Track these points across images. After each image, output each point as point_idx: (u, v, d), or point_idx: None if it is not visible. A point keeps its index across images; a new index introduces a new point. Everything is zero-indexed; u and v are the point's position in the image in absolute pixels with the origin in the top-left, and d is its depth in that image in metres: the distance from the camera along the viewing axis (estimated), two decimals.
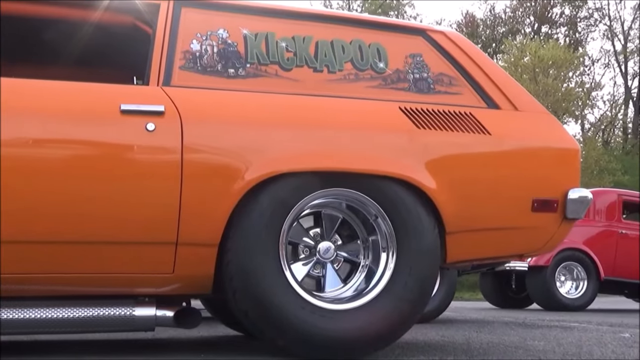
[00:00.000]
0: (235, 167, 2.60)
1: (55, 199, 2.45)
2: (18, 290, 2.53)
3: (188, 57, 2.77)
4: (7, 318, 2.48)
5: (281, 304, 2.59)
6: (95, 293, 2.64)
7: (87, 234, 2.48)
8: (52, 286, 2.56)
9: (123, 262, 2.55)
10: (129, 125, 2.54)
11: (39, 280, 2.52)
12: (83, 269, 2.53)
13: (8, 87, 2.56)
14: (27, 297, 2.56)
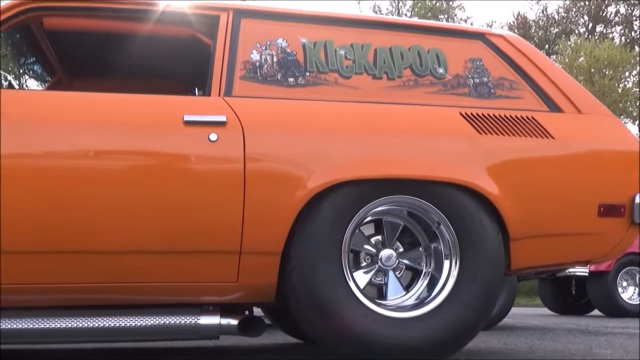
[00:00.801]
0: (297, 175, 2.61)
1: (121, 209, 2.50)
2: (89, 299, 2.58)
3: (248, 67, 2.80)
4: (79, 327, 2.52)
5: (344, 312, 2.59)
6: (161, 302, 2.68)
7: (154, 243, 2.52)
8: (120, 295, 2.60)
9: (188, 271, 2.59)
10: (192, 135, 2.58)
11: (108, 290, 2.57)
12: (149, 278, 2.57)
13: (76, 101, 2.64)
14: (96, 306, 2.61)
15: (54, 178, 2.46)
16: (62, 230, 2.45)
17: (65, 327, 2.52)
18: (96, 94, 2.73)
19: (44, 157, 2.49)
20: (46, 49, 3.27)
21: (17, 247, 2.43)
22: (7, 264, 2.43)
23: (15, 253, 2.43)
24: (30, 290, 2.52)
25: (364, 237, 2.80)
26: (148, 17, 2.89)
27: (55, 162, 2.49)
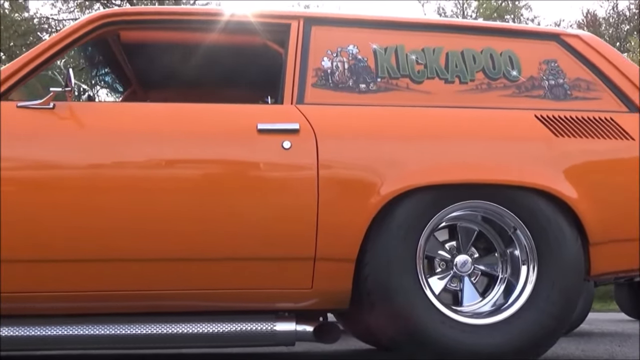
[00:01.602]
0: (371, 181, 2.61)
1: (197, 218, 2.54)
2: (167, 306, 2.63)
3: (320, 75, 2.81)
4: (158, 333, 2.57)
5: (420, 319, 2.57)
6: (236, 308, 2.70)
7: (230, 251, 2.56)
8: (197, 302, 2.65)
9: (263, 278, 2.61)
10: (266, 143, 2.61)
11: (186, 297, 2.62)
12: (226, 285, 2.61)
13: (152, 112, 2.70)
14: (173, 313, 2.66)
15: (133, 188, 2.52)
16: (141, 238, 2.51)
17: (145, 333, 2.57)
18: (171, 104, 2.80)
19: (122, 168, 2.56)
20: (122, 61, 3.36)
21: (103, 256, 2.51)
22: (96, 272, 2.51)
23: (102, 261, 2.51)
24: (114, 297, 2.59)
25: (438, 243, 2.77)
26: (221, 28, 2.93)
27: (133, 172, 2.56)
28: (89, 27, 2.74)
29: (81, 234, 2.49)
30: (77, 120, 2.60)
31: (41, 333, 2.51)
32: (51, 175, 2.53)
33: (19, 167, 2.53)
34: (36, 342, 2.53)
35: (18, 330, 2.52)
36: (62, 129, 2.58)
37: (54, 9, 26.01)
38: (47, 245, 2.48)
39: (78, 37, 2.73)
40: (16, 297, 2.52)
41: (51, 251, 2.48)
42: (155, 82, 3.64)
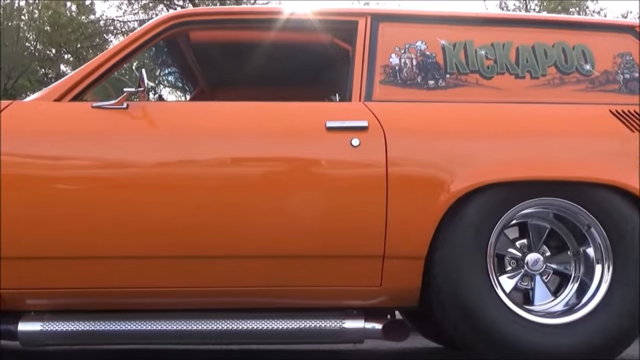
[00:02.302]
0: (440, 179, 2.58)
1: (266, 216, 2.56)
2: (236, 302, 2.67)
3: (388, 72, 2.80)
4: (228, 329, 2.61)
5: (492, 318, 2.53)
6: (304, 305, 2.72)
7: (298, 248, 2.57)
8: (266, 299, 2.67)
9: (332, 275, 2.61)
10: (334, 141, 2.61)
11: (254, 293, 2.65)
12: (294, 282, 2.62)
13: (221, 111, 2.74)
14: (243, 309, 2.69)
15: (205, 186, 2.56)
16: (213, 236, 2.55)
17: (215, 329, 2.61)
18: (240, 103, 2.83)
19: (195, 166, 2.60)
20: (190, 60, 3.41)
21: (177, 253, 2.56)
22: (170, 269, 2.56)
23: (176, 258, 2.56)
24: (186, 293, 2.63)
25: (508, 241, 2.73)
26: (287, 26, 2.95)
27: (205, 171, 2.59)
28: (160, 28, 2.79)
29: (155, 232, 2.54)
30: (150, 119, 2.65)
31: (120, 328, 2.58)
32: (126, 174, 2.58)
33: (95, 166, 2.59)
34: (115, 336, 2.60)
35: (92, 325, 2.59)
36: (135, 128, 2.63)
37: (119, 10, 26.60)
38: (124, 243, 2.54)
39: (150, 38, 2.78)
40: (94, 293, 2.59)
41: (128, 249, 2.54)
42: (223, 81, 3.68)
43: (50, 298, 2.63)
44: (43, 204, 2.51)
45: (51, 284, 2.58)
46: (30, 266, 2.56)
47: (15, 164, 2.56)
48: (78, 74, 2.74)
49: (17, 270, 2.56)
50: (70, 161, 2.59)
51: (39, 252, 2.54)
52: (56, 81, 2.67)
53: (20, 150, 2.58)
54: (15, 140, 2.58)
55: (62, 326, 2.59)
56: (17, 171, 2.54)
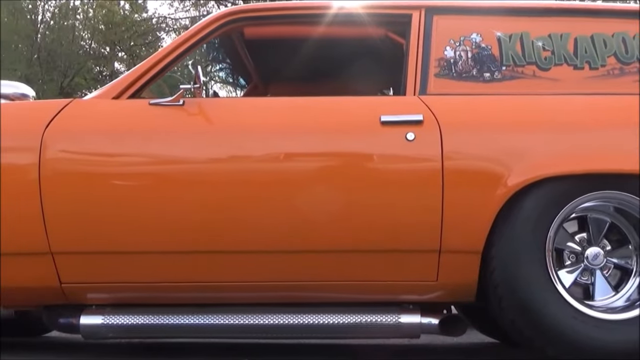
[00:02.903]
0: (497, 173, 2.55)
1: (321, 210, 2.57)
2: (293, 297, 2.68)
3: (442, 65, 2.77)
4: (284, 323, 2.63)
5: (551, 313, 2.49)
6: (360, 300, 2.72)
7: (355, 243, 2.57)
8: (322, 293, 2.68)
9: (388, 270, 2.61)
10: (389, 135, 2.60)
11: (311, 288, 2.66)
12: (350, 277, 2.62)
13: (275, 106, 2.75)
14: (299, 304, 2.71)
15: (262, 182, 2.57)
16: (271, 231, 2.57)
17: (270, 324, 2.63)
18: (295, 98, 2.83)
19: (251, 162, 2.62)
20: (244, 56, 3.44)
21: (228, 248, 2.58)
22: (227, 264, 2.60)
23: (230, 253, 2.59)
24: (240, 288, 2.66)
25: (567, 235, 2.68)
26: (341, 20, 2.95)
27: (262, 166, 2.61)
28: (215, 25, 2.82)
29: (213, 227, 2.57)
30: (206, 116, 2.68)
31: (179, 322, 2.63)
32: (184, 170, 2.61)
33: (154, 163, 2.64)
34: (173, 330, 2.65)
35: (152, 319, 2.64)
36: (192, 125, 2.66)
37: (171, 8, 26.95)
38: (182, 239, 2.58)
39: (205, 35, 2.81)
40: (153, 287, 2.64)
41: (186, 244, 2.58)
42: (276, 76, 3.70)
43: (111, 292, 2.68)
44: (103, 201, 2.57)
45: (111, 278, 2.64)
46: (90, 261, 2.62)
47: (75, 161, 2.62)
48: (135, 72, 2.78)
49: (78, 265, 2.62)
50: (130, 158, 2.64)
51: (98, 247, 2.60)
52: (110, 79, 2.73)
53: (81, 148, 2.64)
54: (76, 137, 2.64)
55: (123, 319, 2.65)
56: (77, 168, 2.60)
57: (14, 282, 2.63)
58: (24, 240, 2.59)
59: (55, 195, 2.56)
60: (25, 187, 2.57)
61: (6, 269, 2.61)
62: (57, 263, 2.60)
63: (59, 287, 2.63)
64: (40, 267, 2.60)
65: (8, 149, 2.65)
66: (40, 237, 2.56)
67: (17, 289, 2.66)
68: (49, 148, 2.59)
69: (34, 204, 2.55)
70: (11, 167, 2.62)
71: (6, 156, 2.65)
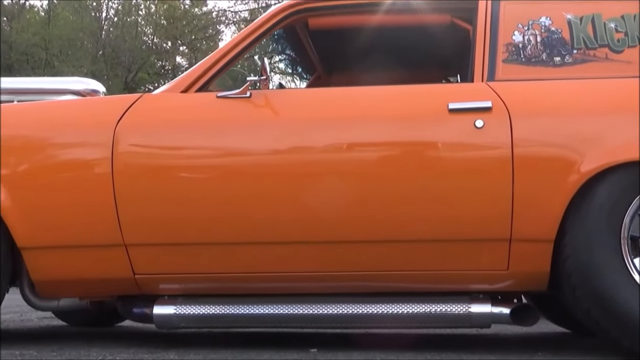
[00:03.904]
0: (569, 159, 2.49)
1: (392, 200, 2.56)
2: (361, 287, 2.68)
3: (511, 50, 2.72)
4: (352, 313, 2.63)
5: (628, 303, 2.42)
6: (429, 290, 2.70)
7: (424, 232, 2.56)
8: (391, 283, 2.67)
9: (458, 259, 2.59)
10: (457, 123, 2.57)
11: (380, 278, 2.65)
12: (420, 266, 2.61)
13: (342, 96, 2.75)
14: (368, 294, 2.70)
15: (330, 173, 2.58)
16: (340, 221, 2.58)
17: (340, 313, 2.64)
18: (361, 87, 2.83)
19: (320, 152, 2.63)
20: (308, 47, 3.44)
21: (298, 239, 2.60)
22: (295, 254, 2.62)
23: (298, 244, 2.61)
24: (309, 278, 2.67)
25: None
26: (406, 8, 2.92)
27: (330, 157, 2.61)
28: (280, 16, 2.83)
29: (282, 218, 2.59)
30: (273, 107, 2.69)
31: (249, 312, 2.67)
32: (253, 161, 2.64)
33: (223, 155, 2.67)
34: (244, 320, 2.69)
35: (223, 309, 2.68)
36: (259, 116, 2.69)
37: (230, 1, 27.19)
38: (251, 230, 2.61)
39: (270, 27, 2.83)
40: (223, 278, 2.68)
41: (255, 235, 2.61)
42: (340, 66, 3.69)
43: (182, 282, 2.73)
44: (174, 193, 2.61)
45: (183, 269, 2.68)
46: (162, 252, 2.67)
47: (146, 154, 2.67)
48: (202, 66, 2.81)
49: (151, 257, 2.68)
50: (199, 150, 2.68)
51: (170, 238, 2.65)
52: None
53: (152, 141, 2.69)
54: (147, 131, 2.69)
55: (194, 310, 2.69)
56: (148, 161, 2.66)
57: (89, 273, 2.71)
58: (99, 232, 2.66)
59: (127, 189, 2.62)
60: (98, 181, 2.64)
61: (81, 261, 2.69)
62: (130, 255, 2.66)
63: (132, 278, 2.69)
64: (114, 259, 2.67)
65: (81, 144, 2.73)
66: (113, 229, 2.63)
67: (92, 280, 2.74)
68: (121, 142, 2.65)
69: (107, 197, 2.62)
70: (85, 162, 2.70)
71: (80, 151, 2.73)
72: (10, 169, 2.68)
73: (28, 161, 2.71)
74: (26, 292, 2.86)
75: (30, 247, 2.69)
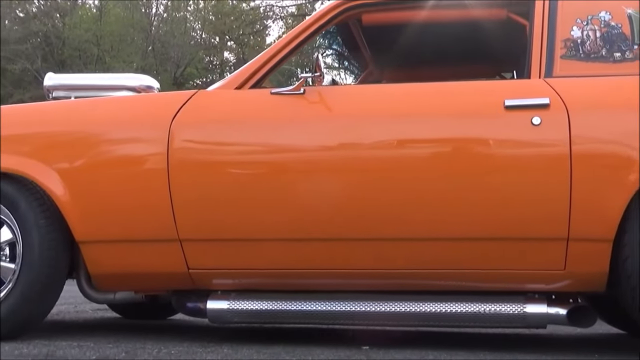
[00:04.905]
0: (629, 157, 2.44)
1: (447, 197, 2.53)
2: (417, 285, 2.66)
3: (569, 45, 2.67)
4: (406, 311, 2.62)
5: None
6: (484, 289, 2.67)
7: (480, 230, 2.53)
8: (447, 282, 2.65)
9: (514, 258, 2.55)
10: (514, 120, 2.54)
11: (435, 276, 2.63)
12: (476, 265, 2.58)
13: (397, 93, 2.73)
14: (420, 292, 2.69)
15: (385, 169, 2.57)
16: (395, 219, 2.56)
17: (393, 311, 2.63)
18: (415, 84, 2.80)
19: (374, 149, 2.62)
20: (361, 43, 3.43)
21: (353, 236, 2.60)
22: (349, 251, 2.61)
23: (351, 240, 2.61)
24: (363, 275, 2.67)
25: None
26: (461, 3, 2.89)
27: (383, 154, 2.60)
28: (334, 12, 2.82)
29: (335, 214, 2.59)
30: (327, 104, 2.69)
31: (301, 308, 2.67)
32: (307, 158, 2.64)
33: (277, 151, 2.68)
34: (296, 316, 2.70)
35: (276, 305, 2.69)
36: (314, 113, 2.69)
37: None
38: (305, 226, 2.61)
39: (324, 23, 2.82)
40: (276, 274, 2.69)
41: (308, 231, 2.61)
42: (392, 62, 3.67)
43: (236, 278, 2.75)
44: (228, 189, 2.63)
45: (236, 264, 2.70)
46: (216, 248, 2.70)
47: (202, 150, 2.70)
48: (256, 62, 2.83)
49: (205, 252, 2.70)
50: (254, 147, 2.69)
51: (224, 234, 2.67)
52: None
53: (207, 138, 2.71)
54: (202, 128, 2.72)
55: (247, 305, 2.71)
56: (203, 158, 2.68)
57: (145, 268, 2.75)
58: (154, 227, 2.69)
59: (182, 184, 2.65)
60: (154, 177, 2.67)
61: (137, 255, 2.73)
62: (185, 250, 2.69)
63: (186, 272, 2.72)
64: (169, 254, 2.70)
65: (138, 140, 2.77)
66: (169, 224, 2.66)
67: (148, 275, 2.78)
68: (176, 138, 2.68)
69: (163, 192, 2.65)
70: (141, 158, 2.74)
71: (136, 147, 2.77)
72: (70, 164, 2.74)
73: (86, 156, 2.76)
74: (83, 284, 2.92)
75: (87, 241, 2.74)
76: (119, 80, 3.38)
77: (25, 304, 2.69)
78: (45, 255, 2.70)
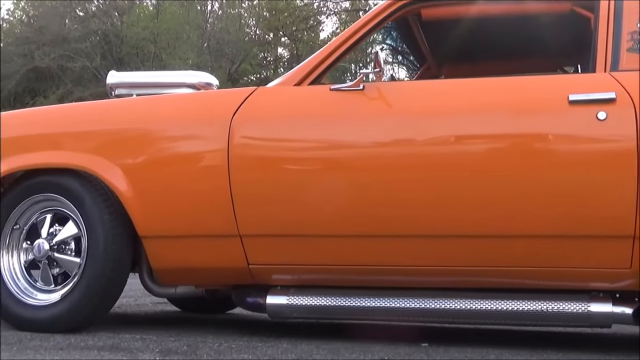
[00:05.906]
0: None
1: (510, 194, 2.50)
2: (478, 282, 2.64)
3: (636, 38, 2.60)
4: (467, 308, 2.59)
5: None
6: (546, 287, 2.62)
7: (544, 227, 2.49)
8: (510, 279, 2.61)
9: (578, 256, 2.50)
10: (579, 115, 2.48)
11: (499, 273, 2.60)
12: (540, 263, 2.54)
13: (457, 88, 2.70)
14: (481, 289, 2.66)
15: (448, 165, 2.55)
16: (454, 214, 2.54)
17: (455, 308, 2.61)
18: (476, 79, 2.77)
19: (436, 145, 2.59)
20: (419, 38, 3.40)
21: (410, 232, 2.59)
22: (405, 247, 2.60)
23: (408, 237, 2.60)
24: (417, 271, 2.65)
25: None
26: None
27: (445, 149, 2.58)
28: (394, 7, 2.80)
29: (397, 210, 2.58)
30: (386, 100, 2.68)
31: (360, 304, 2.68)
32: (367, 154, 2.64)
33: (337, 147, 2.68)
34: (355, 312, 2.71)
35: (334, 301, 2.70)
36: (373, 109, 2.68)
37: None
38: (364, 222, 2.61)
39: (383, 18, 2.80)
40: (335, 270, 2.69)
41: (367, 228, 2.61)
42: (451, 57, 3.63)
43: (295, 273, 2.76)
44: (288, 185, 2.65)
45: (295, 260, 2.72)
46: (276, 243, 2.71)
47: (262, 147, 2.72)
48: (315, 59, 2.83)
49: (265, 247, 2.72)
50: (314, 143, 2.70)
51: (283, 230, 2.68)
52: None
53: (267, 134, 2.73)
54: (262, 124, 2.73)
55: (306, 300, 2.73)
56: (263, 154, 2.70)
57: (206, 262, 2.78)
58: (215, 223, 2.72)
59: (243, 180, 2.67)
60: (215, 173, 2.70)
61: (198, 250, 2.77)
62: (245, 245, 2.71)
63: (246, 267, 2.75)
64: (229, 249, 2.73)
65: (198, 136, 2.80)
66: (229, 220, 2.69)
67: (209, 270, 2.81)
68: (237, 135, 2.70)
69: (223, 188, 2.68)
70: (202, 154, 2.77)
71: (197, 143, 2.80)
72: (133, 160, 2.79)
73: (148, 153, 2.81)
74: (145, 278, 2.97)
75: (150, 236, 2.79)
76: (179, 77, 3.42)
77: (90, 297, 2.75)
78: (109, 249, 2.76)
